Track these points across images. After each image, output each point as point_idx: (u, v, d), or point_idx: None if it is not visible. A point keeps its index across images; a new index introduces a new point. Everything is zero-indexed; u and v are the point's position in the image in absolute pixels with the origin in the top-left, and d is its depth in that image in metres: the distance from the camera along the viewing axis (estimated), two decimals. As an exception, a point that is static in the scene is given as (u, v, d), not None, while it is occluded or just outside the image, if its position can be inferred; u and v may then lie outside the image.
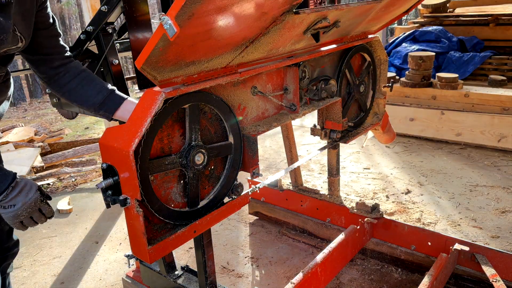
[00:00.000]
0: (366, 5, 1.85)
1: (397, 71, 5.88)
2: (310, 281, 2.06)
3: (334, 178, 2.84)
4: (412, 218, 3.25)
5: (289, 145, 2.94)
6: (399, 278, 2.59)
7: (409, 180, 3.95)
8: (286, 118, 1.92)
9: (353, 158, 4.57)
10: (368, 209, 2.63)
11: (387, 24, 2.45)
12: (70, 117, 2.16)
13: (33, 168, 4.63)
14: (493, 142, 4.45)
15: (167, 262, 2.11)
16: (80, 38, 1.76)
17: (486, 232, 3.03)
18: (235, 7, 1.15)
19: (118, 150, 1.28)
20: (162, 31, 1.03)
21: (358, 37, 2.34)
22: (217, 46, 1.35)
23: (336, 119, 2.30)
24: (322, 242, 2.93)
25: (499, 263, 2.23)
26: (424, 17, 6.62)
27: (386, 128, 2.87)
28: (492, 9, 6.22)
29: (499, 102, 4.45)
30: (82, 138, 6.43)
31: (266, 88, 1.87)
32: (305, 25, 1.66)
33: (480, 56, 5.60)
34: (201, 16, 1.08)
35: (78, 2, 15.87)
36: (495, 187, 3.69)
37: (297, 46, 1.86)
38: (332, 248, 2.26)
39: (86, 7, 3.59)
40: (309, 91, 2.08)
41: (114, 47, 1.72)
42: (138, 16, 1.52)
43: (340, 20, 1.84)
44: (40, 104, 11.69)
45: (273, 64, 1.76)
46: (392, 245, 2.63)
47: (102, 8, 1.62)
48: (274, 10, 1.35)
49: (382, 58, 2.55)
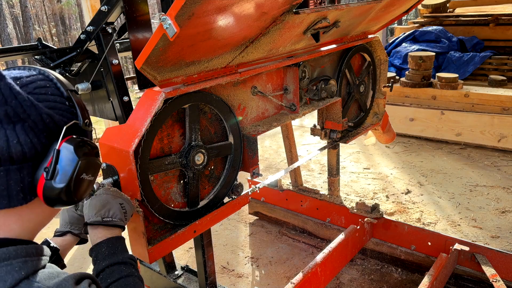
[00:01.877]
0: (366, 5, 1.85)
1: (397, 71, 5.88)
2: (310, 281, 2.06)
3: (334, 178, 2.84)
4: (412, 218, 3.25)
5: (289, 145, 2.94)
6: (399, 278, 2.59)
7: (409, 180, 3.95)
8: (286, 118, 1.92)
9: (353, 158, 4.57)
10: (368, 209, 2.63)
11: (387, 24, 2.45)
12: None
13: (33, 168, 4.62)
14: (493, 142, 4.45)
15: (167, 262, 2.11)
16: (80, 38, 1.76)
17: (486, 232, 3.02)
18: (235, 7, 1.15)
19: (118, 150, 1.28)
20: (162, 31, 1.03)
21: (358, 37, 2.33)
22: (217, 46, 1.34)
23: (336, 119, 2.30)
24: (322, 242, 2.93)
25: (499, 263, 2.23)
26: (424, 17, 6.62)
27: (386, 128, 2.87)
28: (492, 9, 6.22)
29: (499, 102, 4.45)
30: (82, 138, 6.42)
31: (266, 88, 1.87)
32: (305, 25, 1.66)
33: (480, 56, 5.60)
34: (201, 16, 1.08)
35: (78, 2, 15.88)
36: (495, 187, 3.69)
37: (297, 46, 1.85)
38: (332, 248, 2.26)
39: (86, 7, 3.59)
40: (309, 91, 2.08)
41: (114, 47, 1.72)
42: (138, 16, 1.52)
43: (340, 20, 1.84)
44: (40, 104, 11.68)
45: (273, 64, 1.75)
46: (392, 245, 2.63)
47: (102, 8, 1.62)
48: (274, 10, 1.35)
49: (382, 58, 2.55)
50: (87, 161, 0.74)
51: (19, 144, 0.65)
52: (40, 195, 0.70)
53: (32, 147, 0.67)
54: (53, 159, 0.69)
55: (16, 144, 0.65)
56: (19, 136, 0.65)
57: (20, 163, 0.67)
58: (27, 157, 0.67)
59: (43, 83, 0.73)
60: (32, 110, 0.67)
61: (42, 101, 0.70)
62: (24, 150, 0.66)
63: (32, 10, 18.16)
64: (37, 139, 0.68)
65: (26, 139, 0.66)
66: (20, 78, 0.71)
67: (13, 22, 17.68)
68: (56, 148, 0.69)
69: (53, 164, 0.69)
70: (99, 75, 1.76)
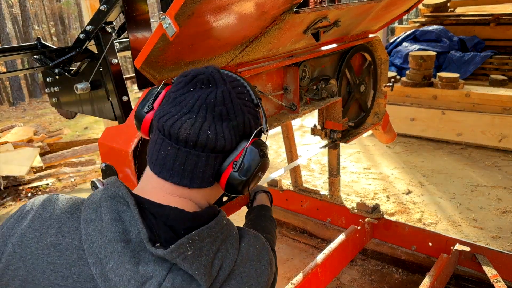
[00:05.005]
0: (367, 4, 1.83)
1: (397, 70, 5.87)
2: (310, 282, 2.05)
3: (334, 178, 2.83)
4: (412, 219, 3.24)
5: (289, 144, 2.93)
6: (400, 278, 2.58)
7: (410, 180, 3.94)
8: (286, 118, 1.91)
9: (353, 158, 4.56)
10: (369, 210, 2.62)
11: (387, 23, 2.44)
12: (69, 116, 2.15)
13: (32, 168, 4.61)
14: (494, 142, 4.44)
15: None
16: (80, 37, 1.75)
17: (487, 232, 3.01)
18: (235, 6, 1.14)
19: (117, 150, 1.27)
20: (162, 31, 1.01)
21: (359, 36, 2.32)
22: (217, 46, 1.33)
23: (337, 119, 2.29)
24: (322, 243, 2.92)
25: (500, 264, 2.22)
26: (425, 17, 6.61)
27: (387, 128, 2.86)
28: (493, 9, 6.21)
29: (500, 102, 4.44)
30: (81, 138, 6.43)
31: (266, 87, 1.85)
32: (305, 25, 1.65)
33: (481, 55, 5.59)
34: (201, 15, 1.07)
35: (77, 1, 15.88)
36: (496, 187, 3.68)
37: (297, 45, 1.84)
38: (332, 249, 2.25)
39: (85, 7, 3.57)
40: (309, 91, 2.07)
41: (113, 46, 1.71)
42: (137, 16, 1.50)
43: (340, 20, 1.83)
44: (39, 104, 11.68)
45: (273, 64, 1.74)
46: (393, 245, 2.62)
47: (101, 7, 1.60)
48: (274, 9, 1.34)
49: (382, 58, 2.54)
50: (264, 161, 0.87)
51: (223, 138, 0.78)
52: (223, 181, 0.82)
53: (230, 143, 0.79)
54: (243, 155, 0.81)
55: (221, 138, 0.77)
56: (224, 132, 0.78)
57: (218, 153, 0.79)
58: (224, 150, 0.79)
59: (243, 90, 0.85)
60: (239, 114, 0.80)
61: (245, 106, 0.83)
62: (225, 143, 0.78)
63: (32, 9, 18.14)
64: (235, 136, 0.80)
65: (229, 135, 0.79)
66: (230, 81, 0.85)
67: (12, 21, 17.68)
68: (246, 146, 0.81)
69: (241, 159, 0.81)
70: (98, 75, 1.75)
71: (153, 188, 0.80)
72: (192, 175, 0.79)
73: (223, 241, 0.80)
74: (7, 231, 0.77)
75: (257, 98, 0.88)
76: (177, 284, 0.71)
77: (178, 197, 0.80)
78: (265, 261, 0.87)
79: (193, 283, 0.72)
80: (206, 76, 0.81)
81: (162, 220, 0.75)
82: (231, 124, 0.79)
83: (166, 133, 0.78)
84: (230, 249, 0.81)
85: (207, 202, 0.86)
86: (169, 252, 0.70)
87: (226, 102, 0.79)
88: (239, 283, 0.79)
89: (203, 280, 0.72)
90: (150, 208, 0.77)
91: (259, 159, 0.83)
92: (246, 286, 0.80)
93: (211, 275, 0.74)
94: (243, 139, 0.82)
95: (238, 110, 0.80)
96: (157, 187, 0.80)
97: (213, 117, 0.77)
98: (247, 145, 0.81)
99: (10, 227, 0.77)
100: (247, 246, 0.86)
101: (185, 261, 0.71)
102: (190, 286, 0.72)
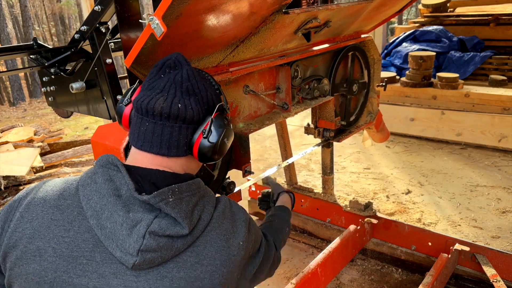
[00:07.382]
0: (357, 5, 1.83)
1: (397, 70, 5.87)
2: (310, 281, 2.05)
3: (328, 176, 2.85)
4: (412, 218, 3.24)
5: (283, 144, 2.94)
6: (400, 278, 2.58)
7: (410, 180, 3.94)
8: (279, 117, 1.93)
9: (353, 158, 4.56)
10: (361, 207, 2.63)
11: (380, 23, 2.43)
12: (65, 115, 2.16)
13: (32, 168, 4.62)
14: (493, 142, 4.45)
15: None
16: (75, 37, 1.76)
17: (486, 232, 3.02)
18: (223, 7, 1.15)
19: (109, 147, 1.31)
20: (150, 31, 1.03)
21: (351, 36, 2.32)
22: (207, 46, 1.35)
23: (329, 118, 2.30)
24: (322, 242, 2.93)
25: (499, 263, 2.22)
26: (425, 17, 6.62)
27: (380, 127, 2.86)
28: (493, 9, 6.21)
29: (499, 102, 4.44)
30: (81, 138, 6.43)
31: (258, 87, 1.86)
32: (295, 25, 1.66)
33: (481, 56, 5.60)
34: (189, 16, 1.08)
35: (77, 2, 15.88)
36: (495, 187, 3.69)
37: (288, 45, 1.85)
38: (332, 248, 2.26)
39: (85, 7, 3.58)
40: (301, 90, 2.08)
41: (107, 46, 1.72)
42: (129, 16, 1.51)
43: (331, 20, 1.83)
44: (40, 104, 11.69)
45: (265, 63, 1.75)
46: (393, 245, 2.62)
47: (95, 7, 1.61)
48: (263, 10, 1.35)
49: (375, 58, 2.53)
50: (229, 129, 1.00)
51: (192, 109, 0.91)
52: (195, 150, 0.94)
53: (198, 114, 0.92)
54: (210, 124, 0.94)
55: (190, 109, 0.91)
56: (192, 104, 0.91)
57: (189, 123, 0.92)
58: (193, 121, 0.92)
59: (205, 73, 1.01)
60: (203, 89, 0.94)
61: (208, 83, 0.97)
62: (193, 114, 0.91)
63: (32, 10, 18.14)
64: (201, 109, 0.93)
65: (196, 107, 0.92)
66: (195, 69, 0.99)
67: (13, 21, 17.67)
68: (211, 117, 0.94)
69: (209, 127, 0.93)
70: (93, 74, 1.76)
71: (137, 161, 0.93)
72: (168, 144, 0.91)
73: (201, 198, 0.92)
74: (14, 203, 0.92)
75: (217, 84, 1.02)
76: (163, 225, 0.82)
77: (159, 166, 0.92)
78: (242, 220, 0.98)
79: (177, 226, 0.84)
80: (173, 60, 0.94)
81: (147, 179, 0.89)
82: (197, 98, 0.92)
83: (143, 111, 0.90)
84: (207, 205, 0.92)
85: (184, 172, 0.96)
86: (153, 197, 0.83)
87: (191, 79, 0.93)
88: (218, 234, 0.91)
89: (185, 222, 0.84)
90: (137, 171, 0.90)
91: (224, 126, 0.96)
92: (224, 238, 0.91)
93: (192, 221, 0.86)
94: (208, 114, 0.95)
95: (201, 86, 0.94)
96: (140, 160, 0.92)
97: (181, 92, 0.91)
98: (212, 116, 0.95)
99: (17, 201, 0.91)
100: (223, 206, 0.97)
101: (167, 206, 0.84)
102: (175, 228, 0.83)
